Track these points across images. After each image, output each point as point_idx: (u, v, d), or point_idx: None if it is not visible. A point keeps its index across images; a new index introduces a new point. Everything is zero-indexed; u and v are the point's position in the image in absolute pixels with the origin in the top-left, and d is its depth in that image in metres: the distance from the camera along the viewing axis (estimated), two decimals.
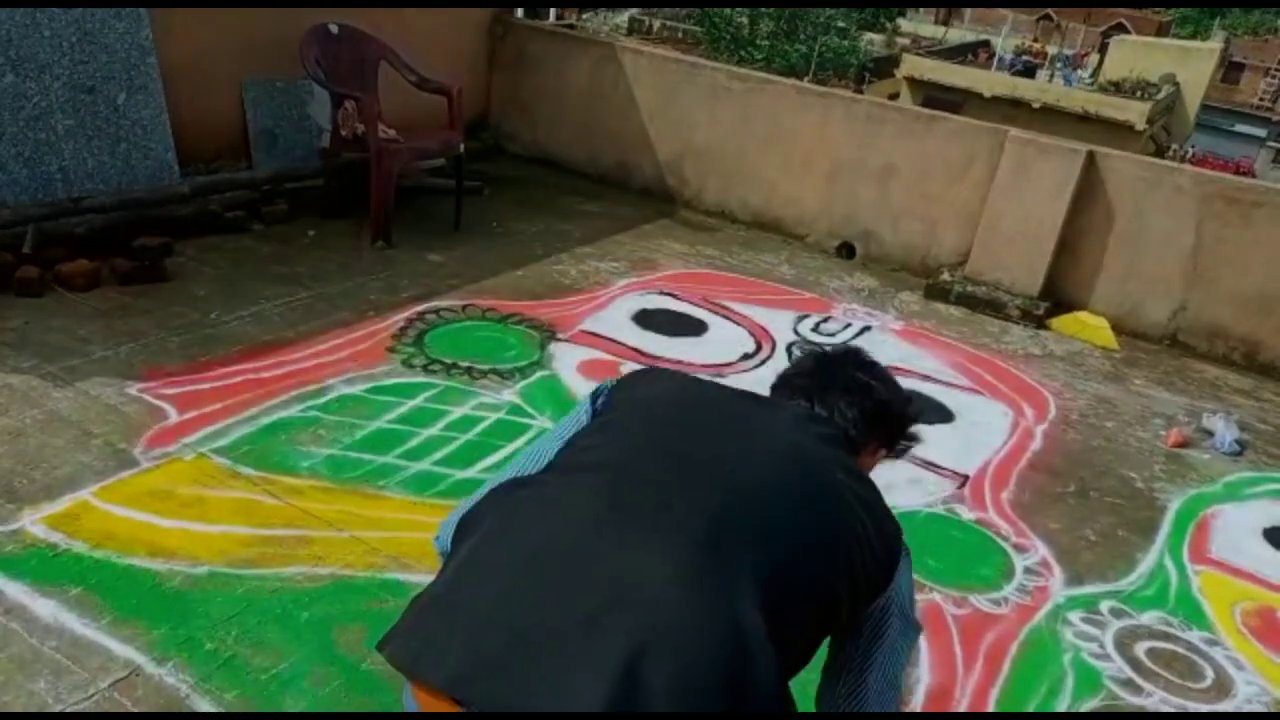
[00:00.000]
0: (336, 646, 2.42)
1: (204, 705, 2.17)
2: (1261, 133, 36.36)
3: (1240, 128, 36.46)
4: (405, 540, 2.84)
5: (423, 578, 2.68)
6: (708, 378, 1.78)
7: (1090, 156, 5.56)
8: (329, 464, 3.17)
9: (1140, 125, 20.63)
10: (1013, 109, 20.54)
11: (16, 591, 2.40)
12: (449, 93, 5.56)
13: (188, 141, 5.12)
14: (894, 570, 1.47)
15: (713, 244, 6.23)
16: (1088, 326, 5.65)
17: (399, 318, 4.34)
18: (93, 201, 4.55)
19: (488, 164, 6.99)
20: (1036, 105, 21.74)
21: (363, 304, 4.43)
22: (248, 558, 2.67)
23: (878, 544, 1.43)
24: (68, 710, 2.10)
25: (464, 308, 4.57)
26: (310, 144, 5.77)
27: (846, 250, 6.45)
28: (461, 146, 5.60)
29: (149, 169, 4.89)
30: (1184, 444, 4.36)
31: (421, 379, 3.83)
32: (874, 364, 1.74)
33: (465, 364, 4.00)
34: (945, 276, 5.93)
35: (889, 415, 1.68)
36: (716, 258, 5.97)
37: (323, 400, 3.54)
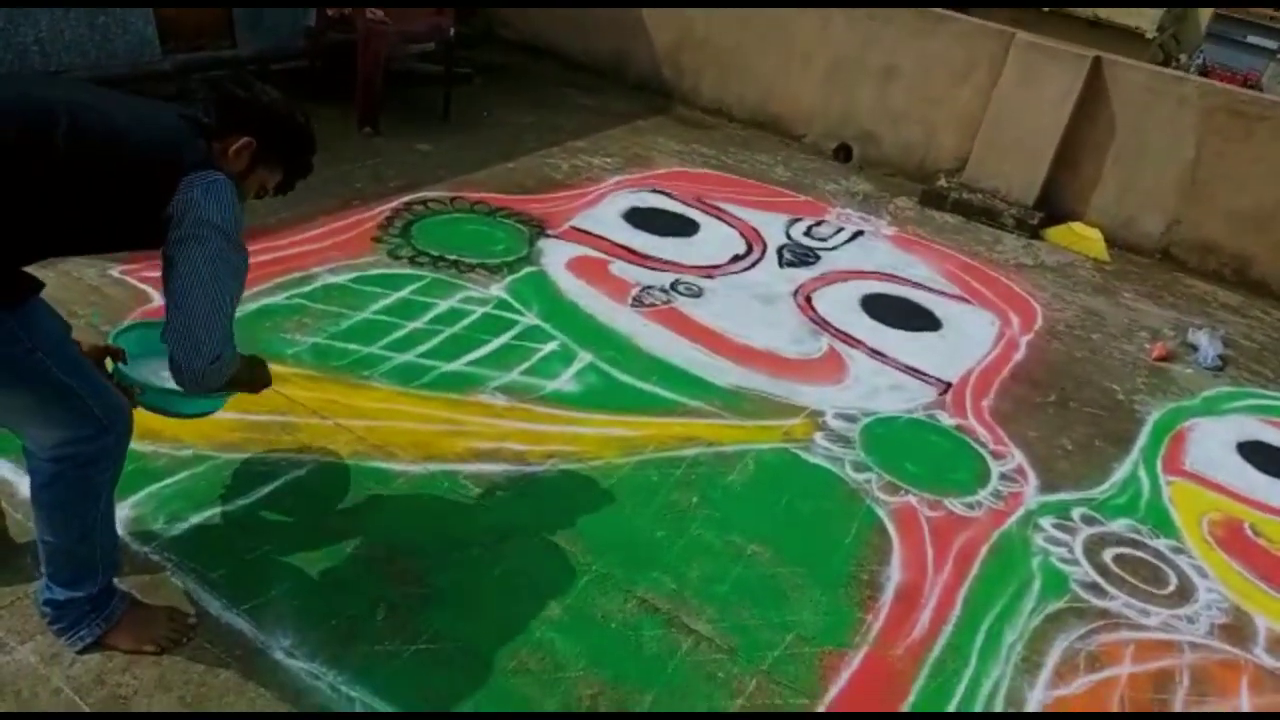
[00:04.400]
0: (321, 529, 2.46)
1: (188, 582, 2.21)
2: (1273, 45, 35.48)
3: (1252, 39, 35.53)
4: (390, 429, 2.86)
5: (407, 466, 2.72)
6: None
7: (1096, 63, 5.43)
8: (314, 352, 3.17)
9: (1151, 33, 20.10)
10: (1020, 12, 19.96)
11: (3, 469, 2.42)
12: None
13: (169, 18, 4.94)
14: (174, 178, 1.73)
15: (708, 142, 6.12)
16: (1081, 238, 5.62)
17: (385, 208, 4.28)
18: (71, 76, 4.41)
19: (479, 51, 6.80)
20: (1046, 9, 21.13)
21: (348, 192, 4.35)
22: (232, 442, 2.68)
23: (149, 153, 1.74)
24: None
25: (452, 199, 4.50)
26: (296, 23, 5.58)
27: (844, 152, 6.35)
28: (452, 31, 5.43)
29: (128, 44, 4.74)
30: (1167, 358, 4.39)
31: (408, 270, 3.79)
32: (251, 81, 1.97)
33: (452, 257, 3.96)
34: (942, 183, 5.86)
35: (247, 107, 1.91)
36: (712, 157, 5.87)
37: (308, 289, 3.51)
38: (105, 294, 3.21)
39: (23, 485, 2.38)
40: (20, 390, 1.76)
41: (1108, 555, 2.96)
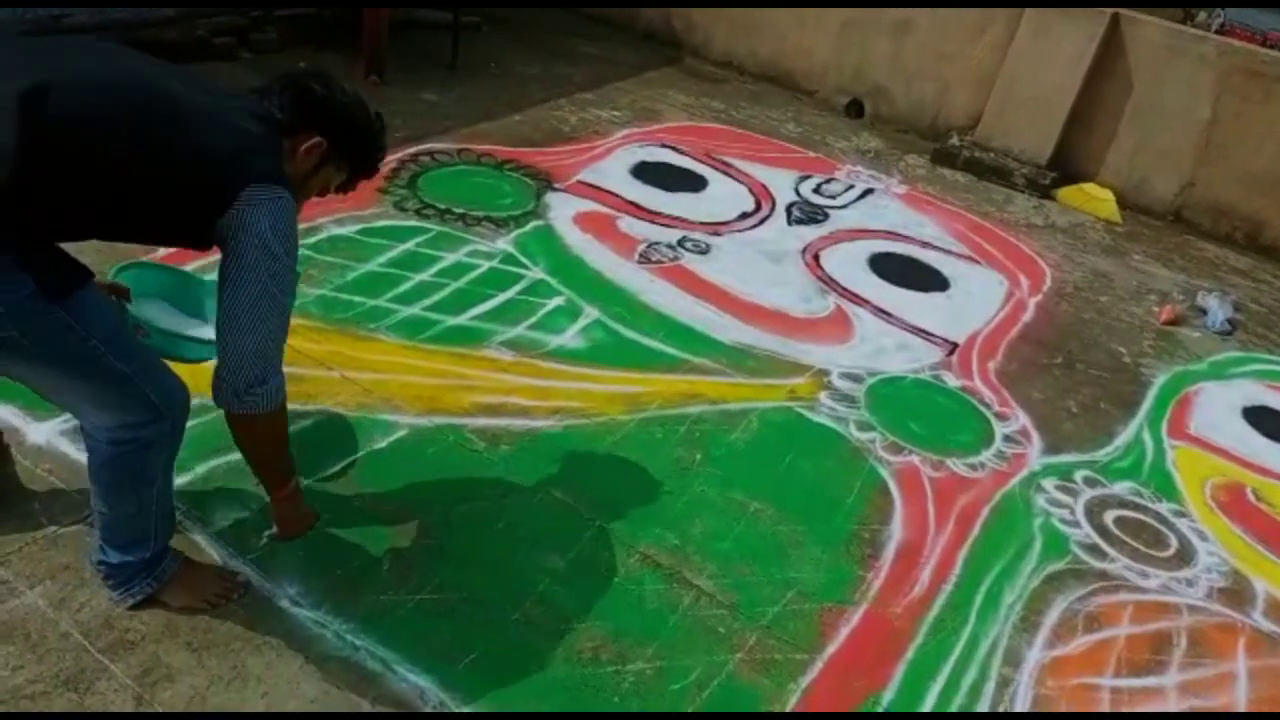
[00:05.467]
0: (326, 480, 2.48)
1: (195, 533, 2.23)
2: None
3: None
4: (395, 382, 2.86)
5: (412, 419, 2.73)
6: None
7: (1114, 20, 5.33)
8: (320, 304, 3.16)
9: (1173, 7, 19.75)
10: None
11: (9, 414, 2.43)
12: None
13: None
14: (232, 193, 1.70)
15: (718, 96, 6.05)
16: (1093, 199, 5.56)
17: (391, 159, 4.23)
18: (74, 20, 4.37)
19: None
20: None
21: None
22: None
23: (212, 157, 1.71)
24: (60, 532, 2.17)
25: (459, 151, 4.47)
26: None
27: (855, 109, 6.27)
28: None
29: None
30: (1175, 321, 4.37)
31: (414, 223, 3.77)
32: (329, 78, 1.94)
33: (459, 210, 3.93)
34: (954, 141, 5.79)
35: (322, 106, 1.88)
36: (722, 111, 5.80)
37: (313, 240, 3.50)
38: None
39: (30, 431, 2.40)
40: (77, 378, 1.78)
41: (1109, 517, 2.97)
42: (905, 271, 4.28)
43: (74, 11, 4.39)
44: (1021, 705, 2.28)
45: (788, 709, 2.14)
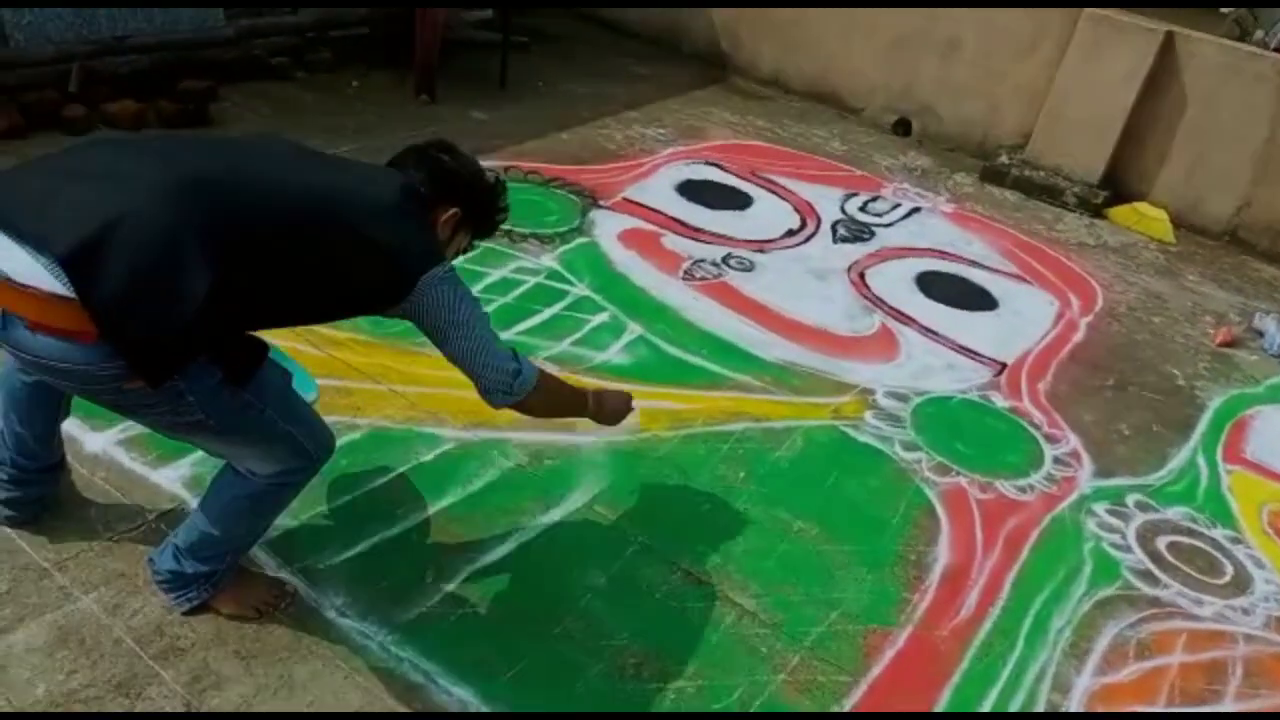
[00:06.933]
0: (372, 492, 2.51)
1: None
2: None
3: None
4: (441, 396, 2.89)
5: (457, 433, 2.76)
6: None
7: (1169, 37, 5.25)
8: (370, 319, 3.18)
9: (1225, 8, 19.38)
10: None
11: (67, 424, 2.48)
12: None
13: None
14: (409, 287, 1.82)
15: (764, 114, 6.05)
16: (1145, 218, 5.46)
17: None
18: (136, 41, 4.49)
19: (535, 19, 6.78)
20: None
21: None
22: None
23: (385, 257, 1.81)
24: (115, 540, 2.22)
25: (506, 169, 4.51)
26: None
27: (902, 127, 6.23)
28: None
29: (192, 10, 4.79)
30: (1231, 343, 4.27)
31: None
32: (453, 147, 2.10)
33: (505, 226, 3.95)
34: (1003, 159, 5.73)
35: (456, 179, 2.03)
36: (767, 129, 5.80)
37: None
38: None
39: (87, 440, 2.47)
40: (252, 445, 1.90)
41: (1162, 543, 2.91)
42: (953, 290, 4.24)
43: (135, 33, 4.51)
44: None
45: None
